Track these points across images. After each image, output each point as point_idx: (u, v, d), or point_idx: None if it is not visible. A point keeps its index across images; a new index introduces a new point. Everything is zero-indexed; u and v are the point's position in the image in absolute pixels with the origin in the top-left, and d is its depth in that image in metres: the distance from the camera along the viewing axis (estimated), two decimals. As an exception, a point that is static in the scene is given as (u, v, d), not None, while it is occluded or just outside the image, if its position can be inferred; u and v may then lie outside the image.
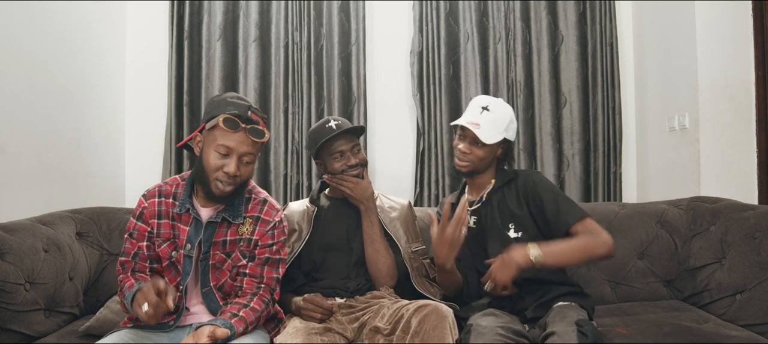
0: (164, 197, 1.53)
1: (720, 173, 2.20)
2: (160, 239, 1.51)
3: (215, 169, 1.41)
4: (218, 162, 1.41)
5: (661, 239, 2.03)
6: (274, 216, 1.55)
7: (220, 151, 1.40)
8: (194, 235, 1.48)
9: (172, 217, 1.51)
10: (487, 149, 1.70)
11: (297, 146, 2.57)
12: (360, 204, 1.78)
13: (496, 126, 1.69)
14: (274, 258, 1.54)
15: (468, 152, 1.71)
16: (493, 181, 1.77)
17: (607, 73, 2.62)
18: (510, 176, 1.77)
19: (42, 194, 1.99)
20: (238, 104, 1.43)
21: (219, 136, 1.40)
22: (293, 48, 2.56)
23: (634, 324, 1.65)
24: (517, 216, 1.69)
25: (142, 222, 1.52)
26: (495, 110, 1.71)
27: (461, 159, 1.73)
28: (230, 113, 1.40)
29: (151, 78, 2.59)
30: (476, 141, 1.68)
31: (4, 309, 1.44)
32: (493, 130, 1.68)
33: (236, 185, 1.45)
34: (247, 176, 1.47)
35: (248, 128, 1.41)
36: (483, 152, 1.70)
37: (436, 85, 2.59)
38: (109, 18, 2.46)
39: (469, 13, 2.60)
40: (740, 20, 2.20)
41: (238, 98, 1.47)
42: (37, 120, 1.96)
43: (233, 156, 1.41)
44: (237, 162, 1.41)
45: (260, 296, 1.49)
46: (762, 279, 1.66)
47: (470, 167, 1.73)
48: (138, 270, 1.51)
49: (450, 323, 1.43)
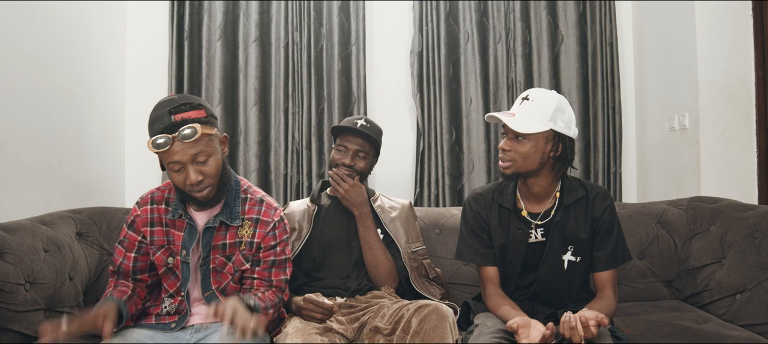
0: (157, 204, 1.52)
1: (720, 173, 2.20)
2: (154, 246, 1.50)
3: (182, 184, 1.38)
4: (179, 177, 1.37)
5: (661, 239, 2.03)
6: (272, 216, 1.53)
7: (173, 168, 1.36)
8: (189, 240, 1.47)
9: (165, 223, 1.50)
10: (532, 144, 1.45)
11: (297, 146, 2.57)
12: (353, 209, 1.79)
13: (535, 114, 1.45)
14: (279, 260, 1.54)
15: (509, 149, 1.48)
16: (559, 193, 1.55)
17: (607, 73, 2.62)
18: (580, 193, 1.54)
19: (42, 194, 1.99)
20: (160, 116, 1.34)
21: (165, 157, 1.35)
22: (293, 48, 2.56)
23: (634, 324, 1.65)
24: (579, 241, 1.52)
25: (133, 231, 1.52)
26: (536, 98, 1.47)
27: (503, 159, 1.50)
28: (157, 131, 1.32)
29: (151, 78, 2.59)
30: (517, 135, 1.47)
31: (4, 309, 1.44)
32: (531, 118, 1.45)
33: (212, 185, 1.40)
34: (215, 171, 1.39)
35: (178, 135, 1.32)
36: (526, 148, 1.46)
37: (436, 85, 2.59)
38: (109, 18, 2.46)
39: (469, 13, 2.60)
40: (740, 20, 2.20)
41: (163, 103, 1.36)
42: (37, 120, 1.96)
43: (187, 166, 1.35)
44: (194, 168, 1.35)
45: (273, 291, 1.51)
46: (762, 279, 1.66)
47: (513, 168, 1.49)
48: (121, 279, 1.52)
49: (450, 323, 1.43)
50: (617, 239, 1.54)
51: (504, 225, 1.58)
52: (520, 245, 1.55)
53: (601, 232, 1.53)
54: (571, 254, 1.53)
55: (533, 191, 1.55)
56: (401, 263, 1.78)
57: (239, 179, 1.56)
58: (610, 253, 1.53)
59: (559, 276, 1.54)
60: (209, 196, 1.40)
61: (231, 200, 1.50)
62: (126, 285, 1.50)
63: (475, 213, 1.61)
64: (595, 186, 1.59)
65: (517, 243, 1.55)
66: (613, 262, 1.53)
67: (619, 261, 1.54)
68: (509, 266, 1.58)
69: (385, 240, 1.82)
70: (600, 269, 1.53)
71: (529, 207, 1.57)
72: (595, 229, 1.54)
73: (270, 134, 2.57)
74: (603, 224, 1.53)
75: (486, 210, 1.61)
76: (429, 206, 2.56)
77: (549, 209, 1.55)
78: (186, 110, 1.34)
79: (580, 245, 1.53)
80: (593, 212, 1.53)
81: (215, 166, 1.39)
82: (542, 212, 1.55)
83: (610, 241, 1.53)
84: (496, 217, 1.59)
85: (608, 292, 1.51)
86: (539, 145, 1.46)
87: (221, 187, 1.43)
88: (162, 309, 1.51)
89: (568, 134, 1.49)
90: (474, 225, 1.61)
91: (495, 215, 1.59)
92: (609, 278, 1.53)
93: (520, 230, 1.55)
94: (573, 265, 1.54)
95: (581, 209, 1.54)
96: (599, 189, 1.57)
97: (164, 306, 1.51)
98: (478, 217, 1.61)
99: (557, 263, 1.54)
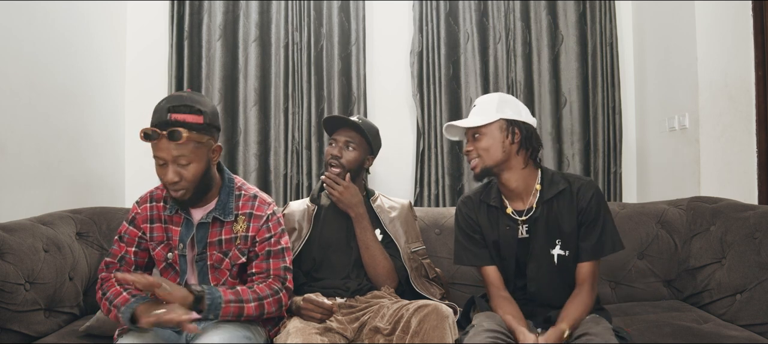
0: (156, 202, 1.56)
1: (720, 173, 2.20)
2: (154, 242, 1.54)
3: (162, 179, 1.42)
4: (161, 171, 1.41)
5: (661, 239, 2.03)
6: (265, 210, 1.56)
7: (158, 162, 1.40)
8: (185, 234, 1.51)
9: (164, 220, 1.54)
10: (487, 137, 1.52)
11: (297, 146, 2.57)
12: (349, 210, 1.79)
13: (481, 113, 1.55)
14: (275, 250, 1.55)
15: (471, 149, 1.56)
16: (539, 186, 1.58)
17: (607, 73, 2.62)
18: (561, 185, 1.56)
19: (42, 194, 1.99)
20: (161, 109, 1.37)
21: (151, 147, 1.39)
22: (293, 48, 2.56)
23: (634, 324, 1.65)
24: (566, 233, 1.54)
25: (134, 227, 1.55)
26: (480, 101, 1.59)
27: (470, 160, 1.57)
28: (153, 122, 1.36)
29: (151, 78, 2.59)
30: (474, 135, 1.55)
31: (4, 309, 1.45)
32: (480, 115, 1.54)
33: (187, 188, 1.42)
34: (192, 177, 1.41)
35: (167, 133, 1.34)
36: (484, 142, 1.53)
37: (436, 85, 2.59)
38: (109, 18, 2.46)
39: (469, 13, 2.60)
40: (740, 20, 2.20)
41: (171, 98, 1.40)
42: (37, 120, 1.96)
43: (169, 164, 1.38)
44: (173, 168, 1.38)
45: (268, 284, 1.51)
46: (762, 279, 1.66)
47: (480, 165, 1.54)
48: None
49: (450, 323, 1.43)
50: (604, 229, 1.53)
51: (493, 223, 1.61)
52: (510, 242, 1.57)
53: (587, 222, 1.53)
54: (559, 249, 1.54)
55: (511, 188, 1.57)
56: (400, 263, 1.78)
57: (233, 177, 1.59)
58: (595, 244, 1.52)
59: (550, 271, 1.55)
60: (184, 198, 1.43)
61: (224, 196, 1.53)
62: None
63: (465, 216, 1.64)
64: (579, 177, 1.60)
65: (507, 240, 1.58)
66: (596, 253, 1.52)
67: (606, 251, 1.53)
68: (504, 263, 1.59)
69: (385, 240, 1.82)
70: (582, 260, 1.53)
71: (513, 205, 1.59)
72: (580, 220, 1.54)
73: (270, 134, 2.57)
74: (588, 214, 1.53)
75: (475, 212, 1.63)
76: (429, 206, 2.56)
77: (532, 205, 1.57)
78: (184, 112, 1.36)
79: (567, 238, 1.54)
80: (579, 204, 1.54)
81: (194, 172, 1.41)
82: (526, 208, 1.57)
83: (595, 231, 1.52)
84: (485, 217, 1.62)
85: (585, 288, 1.51)
86: (495, 135, 1.53)
87: (197, 192, 1.46)
88: None
89: (520, 119, 1.54)
90: (467, 228, 1.64)
91: (484, 215, 1.62)
92: (589, 271, 1.52)
93: (509, 226, 1.58)
94: (563, 259, 1.54)
95: (565, 202, 1.55)
96: (583, 180, 1.58)
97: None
98: (469, 219, 1.63)
99: (546, 258, 1.55)
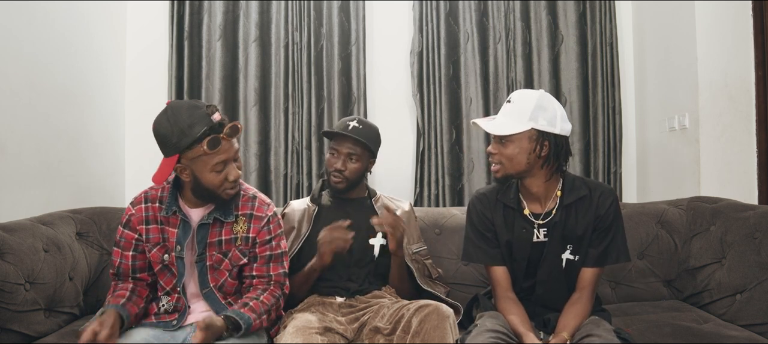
0: (151, 202, 1.54)
1: (720, 173, 2.20)
2: (149, 244, 1.52)
3: (220, 184, 1.43)
4: (218, 178, 1.42)
5: (661, 239, 2.03)
6: (266, 211, 1.56)
7: (217, 169, 1.41)
8: (183, 236, 1.49)
9: (159, 221, 1.52)
10: (515, 145, 1.45)
11: (297, 146, 2.57)
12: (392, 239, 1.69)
13: (514, 115, 1.45)
14: (276, 254, 1.56)
15: (495, 153, 1.49)
16: (560, 192, 1.53)
17: (607, 73, 2.62)
18: (582, 192, 1.52)
19: (42, 194, 1.99)
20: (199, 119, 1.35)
21: (208, 159, 1.38)
22: (293, 48, 2.56)
23: (634, 324, 1.65)
24: (579, 238, 1.51)
25: (129, 230, 1.53)
26: (517, 99, 1.48)
27: (492, 162, 1.52)
28: (203, 133, 1.35)
29: (151, 78, 2.59)
30: (501, 139, 1.47)
31: (4, 309, 1.44)
32: (509, 120, 1.46)
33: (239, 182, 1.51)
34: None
35: (227, 131, 1.39)
36: (510, 151, 1.46)
37: (436, 85, 2.59)
38: (109, 18, 2.46)
39: (469, 13, 2.60)
40: (740, 20, 2.20)
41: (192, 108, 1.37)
42: (37, 120, 1.96)
43: (229, 164, 1.43)
44: (233, 168, 1.44)
45: (271, 291, 1.52)
46: (762, 279, 1.66)
47: (502, 171, 1.49)
48: (121, 280, 1.53)
49: (451, 323, 1.43)
50: (614, 238, 1.51)
51: (509, 224, 1.57)
52: (524, 244, 1.54)
53: (601, 229, 1.51)
54: (569, 253, 1.52)
55: (532, 192, 1.53)
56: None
57: None
58: (602, 251, 1.51)
59: (558, 275, 1.54)
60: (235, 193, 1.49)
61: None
62: (124, 287, 1.51)
63: (479, 213, 1.59)
64: (600, 184, 1.56)
65: (521, 242, 1.54)
66: (601, 261, 1.51)
67: (610, 260, 1.52)
68: (515, 264, 1.57)
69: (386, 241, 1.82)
70: (586, 265, 1.51)
71: (531, 207, 1.55)
72: (595, 225, 1.51)
73: (270, 134, 2.57)
74: (604, 221, 1.50)
75: (491, 210, 1.59)
76: (429, 206, 2.56)
77: (551, 209, 1.53)
78: (216, 111, 1.40)
79: (578, 243, 1.52)
80: (597, 210, 1.50)
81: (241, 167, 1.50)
82: (544, 212, 1.54)
83: (605, 239, 1.50)
84: (501, 216, 1.58)
85: (585, 294, 1.50)
86: (523, 145, 1.45)
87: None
88: (160, 308, 1.52)
89: (553, 132, 1.45)
90: (480, 226, 1.59)
91: (500, 215, 1.58)
92: (591, 277, 1.51)
93: (525, 228, 1.54)
94: (571, 263, 1.53)
95: (583, 208, 1.51)
96: (604, 187, 1.54)
97: (162, 304, 1.52)
98: (483, 217, 1.59)
99: (556, 262, 1.53)
